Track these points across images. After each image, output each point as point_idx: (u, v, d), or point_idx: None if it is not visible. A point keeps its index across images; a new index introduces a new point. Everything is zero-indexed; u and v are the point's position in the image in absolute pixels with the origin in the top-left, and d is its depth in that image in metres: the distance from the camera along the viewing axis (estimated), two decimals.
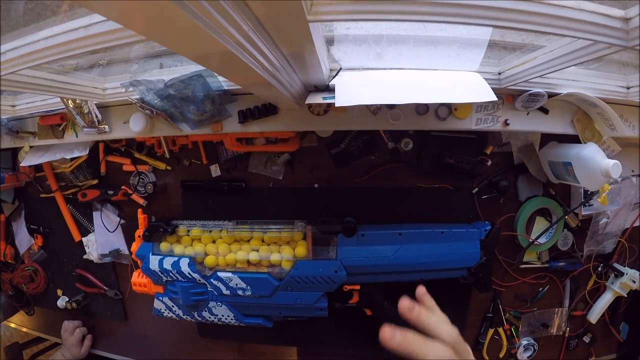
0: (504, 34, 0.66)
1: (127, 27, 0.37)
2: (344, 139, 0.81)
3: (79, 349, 0.99)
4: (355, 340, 0.91)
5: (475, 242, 0.76)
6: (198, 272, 0.76)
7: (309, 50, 0.44)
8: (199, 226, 0.79)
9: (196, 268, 0.76)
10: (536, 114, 0.73)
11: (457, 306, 0.89)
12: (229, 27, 0.30)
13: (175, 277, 0.77)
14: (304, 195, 0.85)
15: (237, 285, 0.74)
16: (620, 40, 0.42)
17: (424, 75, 0.62)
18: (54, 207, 0.98)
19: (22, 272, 1.02)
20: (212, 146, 0.85)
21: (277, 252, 0.75)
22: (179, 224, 0.80)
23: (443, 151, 0.79)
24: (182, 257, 0.77)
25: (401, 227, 0.75)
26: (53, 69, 0.63)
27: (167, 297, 0.80)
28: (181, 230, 0.79)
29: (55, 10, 0.54)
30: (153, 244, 0.79)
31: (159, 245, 0.79)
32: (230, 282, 0.74)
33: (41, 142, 0.87)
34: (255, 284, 0.74)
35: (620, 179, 0.83)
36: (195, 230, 0.78)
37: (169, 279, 0.78)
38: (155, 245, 0.79)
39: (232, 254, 0.76)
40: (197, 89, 0.66)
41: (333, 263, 0.73)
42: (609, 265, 0.89)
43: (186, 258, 0.76)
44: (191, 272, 0.76)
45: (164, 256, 0.78)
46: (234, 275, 0.74)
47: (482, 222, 0.79)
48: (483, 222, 0.79)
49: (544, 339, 0.92)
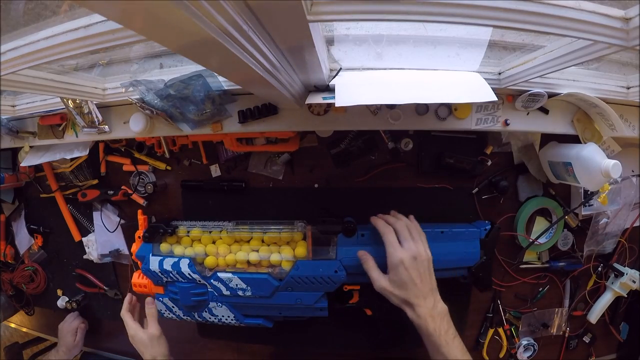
0: (504, 34, 0.66)
1: (127, 27, 0.37)
2: (344, 139, 0.81)
3: (73, 337, 0.98)
4: (355, 340, 0.91)
5: (475, 241, 0.76)
6: (198, 272, 0.76)
7: (309, 50, 0.44)
8: (199, 227, 0.79)
9: (196, 269, 0.76)
10: (536, 114, 0.73)
11: (457, 306, 0.88)
12: (229, 27, 0.30)
13: (175, 278, 0.77)
14: (304, 195, 0.85)
15: (237, 286, 0.74)
16: (620, 40, 0.42)
17: (424, 76, 0.62)
18: (54, 207, 0.98)
19: (22, 272, 1.02)
20: (212, 146, 0.85)
21: (277, 253, 0.75)
22: (179, 224, 0.79)
23: (443, 151, 0.79)
24: (182, 257, 0.77)
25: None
26: (53, 69, 0.63)
27: (168, 298, 0.79)
28: (181, 231, 0.78)
29: (55, 10, 0.54)
30: (153, 245, 0.79)
31: (159, 246, 0.79)
32: (231, 283, 0.74)
33: (41, 142, 0.87)
34: (256, 284, 0.74)
35: (620, 179, 0.83)
36: (195, 231, 0.78)
37: (169, 280, 0.78)
38: (155, 247, 0.79)
39: (232, 255, 0.76)
40: (197, 89, 0.66)
41: (333, 263, 0.73)
42: (609, 265, 0.89)
43: (186, 259, 0.76)
44: (191, 272, 0.75)
45: (164, 257, 0.78)
46: (234, 276, 0.74)
47: (482, 222, 0.78)
48: (483, 221, 0.79)
49: (544, 339, 0.92)
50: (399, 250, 0.64)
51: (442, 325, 0.61)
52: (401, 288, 0.63)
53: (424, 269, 0.64)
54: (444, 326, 0.61)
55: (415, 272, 0.63)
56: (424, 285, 0.63)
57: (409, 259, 0.63)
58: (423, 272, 0.63)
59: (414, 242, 0.66)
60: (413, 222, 0.70)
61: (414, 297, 0.62)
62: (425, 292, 0.63)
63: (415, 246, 0.65)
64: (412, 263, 0.63)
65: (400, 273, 0.63)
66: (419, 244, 0.66)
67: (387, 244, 0.66)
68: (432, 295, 0.64)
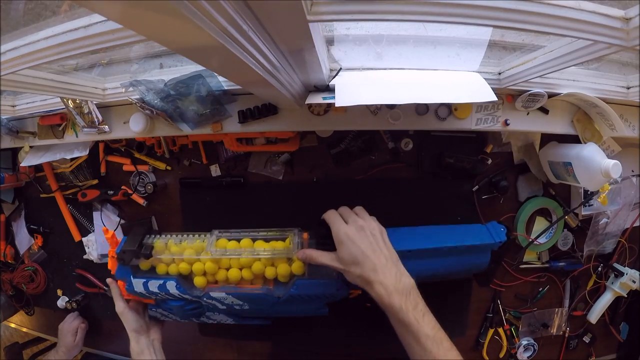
0: (504, 34, 0.66)
1: (127, 27, 0.37)
2: (344, 139, 0.81)
3: (73, 337, 0.97)
4: (355, 339, 0.91)
5: (487, 252, 0.71)
6: (188, 292, 0.70)
7: (309, 50, 0.44)
8: (174, 241, 0.72)
9: (185, 289, 0.69)
10: (536, 114, 0.73)
11: (457, 306, 0.89)
12: (229, 27, 0.30)
13: (165, 297, 0.72)
14: (302, 191, 0.85)
15: (232, 303, 0.70)
16: (620, 40, 0.42)
17: (424, 76, 0.63)
18: (54, 207, 0.98)
19: (22, 272, 1.02)
20: (212, 146, 0.85)
21: (272, 268, 0.69)
22: (153, 241, 0.71)
23: (443, 151, 0.79)
24: (167, 279, 0.70)
25: (410, 239, 0.68)
26: (53, 69, 0.63)
27: (161, 309, 0.76)
28: (157, 246, 0.70)
29: (55, 10, 0.54)
30: (131, 266, 0.71)
31: (138, 266, 0.72)
32: (226, 300, 0.70)
33: (41, 142, 0.87)
34: (252, 301, 0.70)
35: (620, 179, 0.83)
36: (173, 247, 0.71)
37: (159, 299, 0.72)
38: (135, 268, 0.71)
39: (224, 271, 0.70)
40: (197, 89, 0.66)
41: (334, 282, 0.67)
42: (609, 265, 0.89)
43: (172, 280, 0.69)
44: (181, 293, 0.70)
45: (148, 279, 0.70)
46: (229, 295, 0.69)
47: (496, 226, 0.71)
48: (497, 225, 0.72)
49: (544, 339, 0.92)
50: (342, 225, 0.59)
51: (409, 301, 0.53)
52: (354, 264, 0.57)
53: (376, 240, 0.58)
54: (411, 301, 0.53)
55: (365, 243, 0.57)
56: (379, 257, 0.56)
57: (354, 230, 0.58)
58: (375, 243, 0.58)
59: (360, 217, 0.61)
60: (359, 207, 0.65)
61: (370, 271, 0.55)
62: (382, 265, 0.56)
63: (361, 220, 0.60)
64: (359, 234, 0.58)
65: (349, 247, 0.57)
66: (366, 218, 0.61)
67: (331, 223, 0.61)
68: (393, 268, 0.56)
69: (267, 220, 0.76)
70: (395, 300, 0.53)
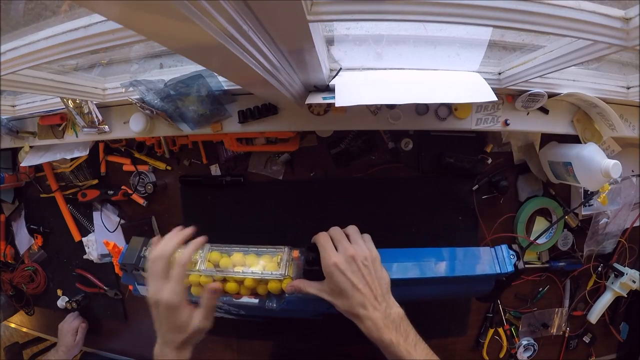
0: (504, 34, 0.66)
1: (127, 27, 0.37)
2: (344, 139, 0.81)
3: (73, 337, 0.97)
4: (356, 338, 0.91)
5: (491, 282, 0.65)
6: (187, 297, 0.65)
7: (309, 50, 0.44)
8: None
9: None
10: (536, 114, 0.73)
11: (457, 306, 0.89)
12: (229, 27, 0.30)
13: None
14: (302, 189, 0.85)
15: (229, 308, 0.71)
16: (620, 40, 0.42)
17: (424, 76, 0.63)
18: (54, 207, 0.98)
19: (22, 272, 1.02)
20: (212, 146, 0.85)
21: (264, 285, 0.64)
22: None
23: (443, 151, 0.79)
24: None
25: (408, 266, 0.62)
26: (53, 69, 0.63)
27: None
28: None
29: (55, 10, 0.54)
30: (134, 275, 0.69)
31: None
32: (222, 307, 0.71)
33: (41, 142, 0.87)
34: (248, 308, 0.69)
35: (620, 179, 0.83)
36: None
37: None
38: (138, 276, 0.69)
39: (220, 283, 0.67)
40: (197, 89, 0.66)
41: (324, 303, 0.60)
42: (609, 265, 0.89)
43: None
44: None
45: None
46: (225, 304, 0.70)
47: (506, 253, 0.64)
48: (507, 250, 0.64)
49: (544, 339, 0.92)
50: (332, 253, 0.54)
51: (400, 333, 0.52)
52: (341, 297, 0.53)
53: (368, 271, 0.54)
54: (401, 334, 0.52)
55: (357, 275, 0.53)
56: (370, 291, 0.52)
57: (344, 261, 0.53)
58: (367, 274, 0.53)
59: (353, 243, 0.56)
60: (352, 227, 0.59)
61: (358, 306, 0.52)
62: (371, 300, 0.52)
63: (352, 246, 0.55)
64: (349, 266, 0.53)
65: (336, 279, 0.52)
66: (358, 244, 0.56)
67: (321, 249, 0.55)
68: (383, 301, 0.53)
69: (267, 221, 0.76)
70: (385, 336, 0.51)
